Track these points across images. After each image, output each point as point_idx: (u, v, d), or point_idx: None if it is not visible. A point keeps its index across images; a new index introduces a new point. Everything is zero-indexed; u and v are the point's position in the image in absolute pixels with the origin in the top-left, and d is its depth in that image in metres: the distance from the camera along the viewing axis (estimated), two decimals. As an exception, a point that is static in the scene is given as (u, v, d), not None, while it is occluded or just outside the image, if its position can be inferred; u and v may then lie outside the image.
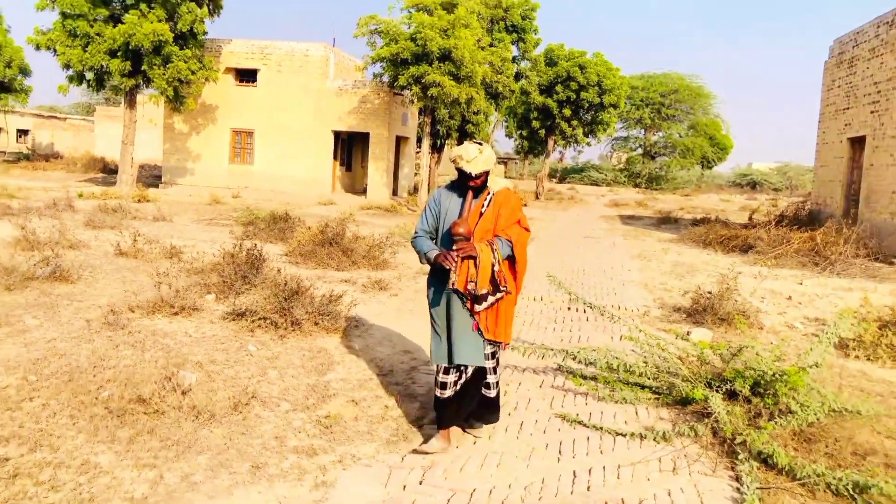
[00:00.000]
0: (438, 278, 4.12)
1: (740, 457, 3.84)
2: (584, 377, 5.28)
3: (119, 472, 3.56)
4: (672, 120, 59.21)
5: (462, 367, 4.15)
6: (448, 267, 3.92)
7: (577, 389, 5.11)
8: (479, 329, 4.04)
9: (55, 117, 55.50)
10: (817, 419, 4.21)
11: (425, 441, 4.17)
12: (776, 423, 4.16)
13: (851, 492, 3.57)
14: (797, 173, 61.09)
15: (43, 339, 5.73)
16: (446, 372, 4.13)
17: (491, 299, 3.98)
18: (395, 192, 27.53)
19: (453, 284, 3.93)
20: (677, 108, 58.19)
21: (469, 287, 3.91)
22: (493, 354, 4.17)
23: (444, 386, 4.13)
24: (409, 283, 9.43)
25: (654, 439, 4.18)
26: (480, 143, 4.04)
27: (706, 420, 4.30)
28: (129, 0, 21.75)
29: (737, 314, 6.46)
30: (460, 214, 4.06)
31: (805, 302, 9.41)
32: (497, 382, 4.28)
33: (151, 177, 30.34)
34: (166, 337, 5.99)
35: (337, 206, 22.46)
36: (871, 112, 15.55)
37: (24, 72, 31.10)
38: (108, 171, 33.06)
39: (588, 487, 3.61)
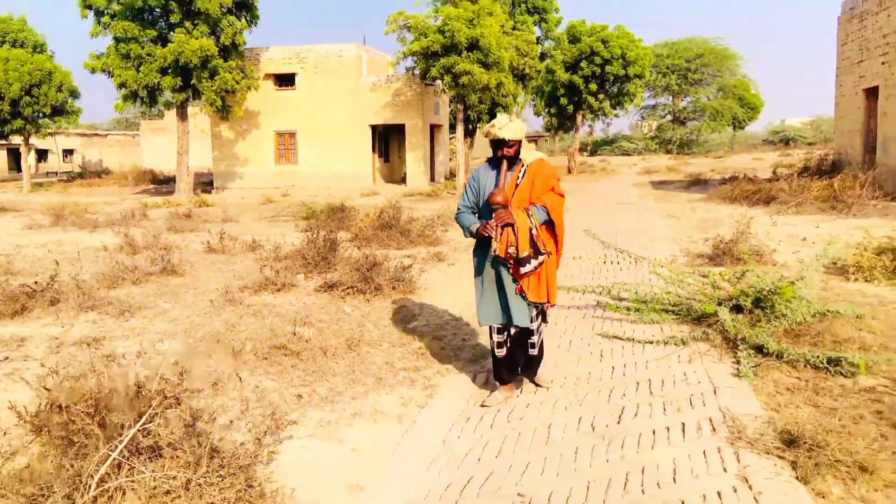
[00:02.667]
0: (482, 248, 4.46)
1: (740, 348, 5.05)
2: (619, 308, 6.52)
3: (282, 389, 4.94)
4: (699, 84, 59.31)
5: (509, 328, 4.53)
6: (489, 235, 4.24)
7: (613, 316, 6.37)
8: (522, 293, 4.34)
9: (97, 135, 57.94)
10: (804, 320, 5.39)
11: (490, 394, 4.69)
12: (771, 324, 5.35)
13: (826, 364, 4.75)
14: (830, 126, 60.54)
15: (182, 317, 7.16)
16: (499, 332, 4.56)
17: (534, 262, 4.24)
18: (432, 179, 28.83)
19: (495, 251, 4.21)
20: (704, 73, 58.28)
21: (510, 251, 4.21)
22: (537, 316, 4.48)
23: (499, 345, 4.58)
24: (462, 254, 10.72)
25: (675, 343, 5.42)
26: (509, 115, 4.56)
27: (715, 326, 5.52)
28: (173, 19, 23.35)
29: (747, 251, 7.58)
30: (496, 186, 4.33)
31: (819, 242, 10.42)
32: (540, 343, 4.61)
33: (202, 184, 32.11)
34: (276, 307, 7.40)
35: (380, 195, 23.78)
36: (883, 63, 16.30)
37: (74, 94, 32.99)
38: (158, 182, 34.86)
39: (624, 374, 4.89)
